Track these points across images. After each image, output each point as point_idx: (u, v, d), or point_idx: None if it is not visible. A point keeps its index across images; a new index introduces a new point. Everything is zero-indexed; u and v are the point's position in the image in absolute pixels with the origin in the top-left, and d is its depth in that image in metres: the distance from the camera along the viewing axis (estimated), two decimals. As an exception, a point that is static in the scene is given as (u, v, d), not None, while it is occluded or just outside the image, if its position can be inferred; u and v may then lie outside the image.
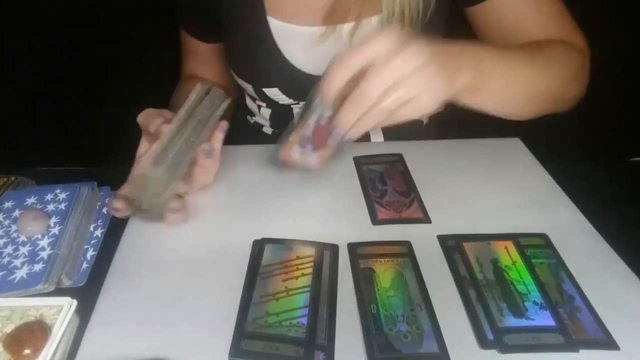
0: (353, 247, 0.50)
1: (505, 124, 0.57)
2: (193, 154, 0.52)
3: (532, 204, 0.56)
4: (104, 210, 0.57)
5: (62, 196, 0.56)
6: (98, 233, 0.54)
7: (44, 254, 0.49)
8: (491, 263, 0.47)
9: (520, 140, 0.68)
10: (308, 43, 0.64)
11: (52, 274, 0.47)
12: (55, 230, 0.52)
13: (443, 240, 0.50)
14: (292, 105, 0.72)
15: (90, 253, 0.51)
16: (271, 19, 0.64)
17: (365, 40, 0.40)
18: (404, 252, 0.49)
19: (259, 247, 0.50)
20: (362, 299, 0.44)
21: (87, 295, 0.46)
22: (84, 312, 0.44)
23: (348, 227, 0.53)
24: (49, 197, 0.56)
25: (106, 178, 0.62)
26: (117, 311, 0.44)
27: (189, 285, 0.47)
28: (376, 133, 0.72)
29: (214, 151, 0.54)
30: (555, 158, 0.63)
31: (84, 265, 0.50)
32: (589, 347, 0.39)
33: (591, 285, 0.45)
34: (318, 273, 0.46)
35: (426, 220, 0.54)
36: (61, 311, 0.42)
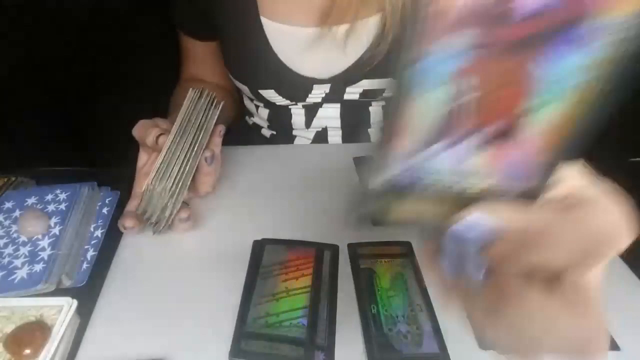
0: (353, 248, 0.50)
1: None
2: (195, 161, 0.51)
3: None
4: (104, 210, 0.57)
5: (63, 196, 0.56)
6: (98, 233, 0.54)
7: (44, 254, 0.49)
8: (491, 263, 0.47)
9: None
10: (302, 44, 0.63)
11: (53, 274, 0.47)
12: (55, 230, 0.52)
13: (443, 240, 0.51)
14: (290, 106, 0.72)
15: (90, 253, 0.51)
16: (264, 20, 0.63)
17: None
18: (404, 253, 0.49)
19: (259, 248, 0.50)
20: (362, 299, 0.44)
21: (87, 295, 0.46)
22: (84, 312, 0.44)
23: (348, 227, 0.53)
24: (49, 197, 0.56)
25: (106, 178, 0.61)
26: (117, 311, 0.44)
27: (189, 285, 0.47)
28: (377, 134, 0.72)
29: (215, 156, 0.54)
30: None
31: (84, 265, 0.50)
32: (589, 347, 0.39)
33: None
34: (318, 273, 0.46)
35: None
36: (61, 311, 0.42)
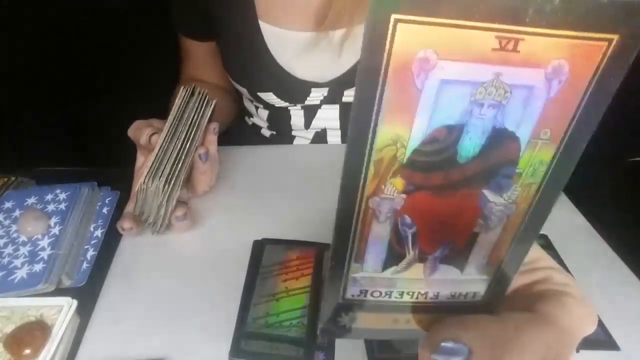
0: (353, 247, 0.50)
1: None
2: (188, 159, 0.51)
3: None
4: (104, 210, 0.57)
5: (62, 196, 0.56)
6: (98, 233, 0.54)
7: (44, 254, 0.49)
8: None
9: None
10: (300, 48, 0.64)
11: (52, 274, 0.47)
12: (55, 230, 0.52)
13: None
14: (289, 107, 0.72)
15: (90, 253, 0.51)
16: (263, 24, 0.64)
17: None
18: (404, 252, 0.49)
19: (259, 247, 0.50)
20: (362, 299, 0.44)
21: (87, 295, 0.46)
22: (84, 312, 0.44)
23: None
24: (49, 197, 0.56)
25: (106, 178, 0.61)
26: (117, 311, 0.44)
27: (189, 285, 0.47)
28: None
29: (210, 154, 0.54)
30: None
31: (84, 265, 0.50)
32: (589, 348, 0.39)
33: (591, 285, 0.45)
34: (318, 273, 0.46)
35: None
36: (61, 311, 0.42)
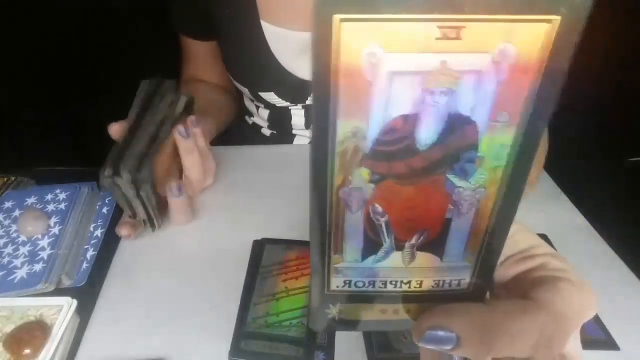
0: (353, 247, 0.50)
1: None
2: (163, 149, 0.49)
3: (532, 204, 0.56)
4: (104, 210, 0.57)
5: (62, 196, 0.56)
6: (98, 233, 0.54)
7: (44, 254, 0.49)
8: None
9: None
10: (301, 48, 0.64)
11: (52, 274, 0.47)
12: (55, 230, 0.52)
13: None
14: (290, 107, 0.72)
15: (90, 253, 0.51)
16: (265, 24, 0.64)
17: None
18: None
19: (259, 248, 0.50)
20: (362, 299, 0.44)
21: (87, 295, 0.46)
22: (84, 312, 0.44)
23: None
24: (49, 197, 0.56)
25: (106, 178, 0.61)
26: (117, 311, 0.44)
27: (189, 285, 0.47)
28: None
29: (201, 149, 0.53)
30: (555, 158, 0.63)
31: (84, 265, 0.50)
32: (589, 347, 0.39)
33: (591, 285, 0.45)
34: (318, 273, 0.46)
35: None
36: (61, 311, 0.42)
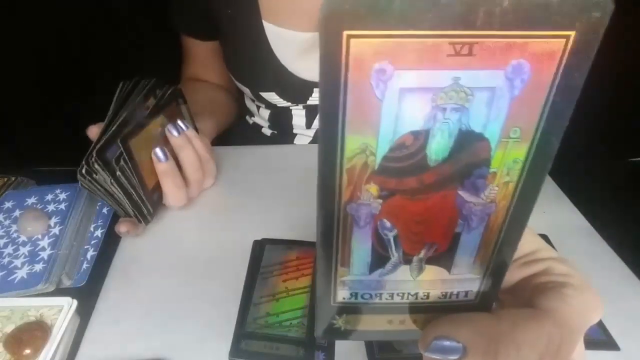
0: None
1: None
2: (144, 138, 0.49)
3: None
4: (104, 210, 0.57)
5: (62, 196, 0.56)
6: (98, 233, 0.54)
7: (44, 254, 0.49)
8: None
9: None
10: (302, 48, 0.64)
11: (53, 274, 0.47)
12: (55, 230, 0.52)
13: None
14: (291, 107, 0.72)
15: (90, 253, 0.51)
16: (266, 24, 0.64)
17: None
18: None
19: (259, 247, 0.50)
20: (362, 299, 0.44)
21: (87, 295, 0.46)
22: (84, 312, 0.44)
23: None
24: (49, 197, 0.56)
25: (106, 178, 0.61)
26: (117, 311, 0.44)
27: (189, 285, 0.47)
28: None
29: (202, 155, 0.53)
30: (555, 158, 0.63)
31: (84, 265, 0.50)
32: (589, 348, 0.39)
33: (591, 285, 0.45)
34: (318, 273, 0.46)
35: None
36: (61, 311, 0.42)
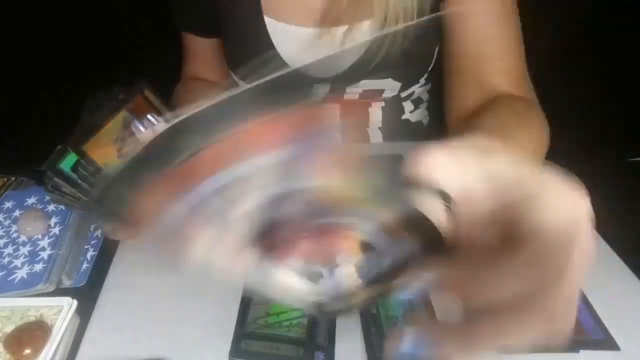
0: (353, 247, 0.50)
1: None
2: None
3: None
4: (104, 210, 0.57)
5: (62, 196, 0.56)
6: (98, 233, 0.54)
7: (44, 254, 0.49)
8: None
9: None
10: (304, 44, 0.64)
11: (53, 274, 0.47)
12: (55, 230, 0.52)
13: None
14: None
15: (90, 253, 0.51)
16: (267, 18, 0.64)
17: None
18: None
19: (259, 247, 0.50)
20: (362, 299, 0.44)
21: (87, 295, 0.46)
22: (84, 312, 0.44)
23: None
24: (49, 197, 0.56)
25: (106, 178, 0.61)
26: (117, 311, 0.44)
27: (189, 285, 0.47)
28: (376, 134, 0.72)
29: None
30: (555, 158, 0.63)
31: (84, 265, 0.50)
32: (589, 348, 0.39)
33: (591, 285, 0.45)
34: (318, 273, 0.46)
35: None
36: (61, 311, 0.42)
